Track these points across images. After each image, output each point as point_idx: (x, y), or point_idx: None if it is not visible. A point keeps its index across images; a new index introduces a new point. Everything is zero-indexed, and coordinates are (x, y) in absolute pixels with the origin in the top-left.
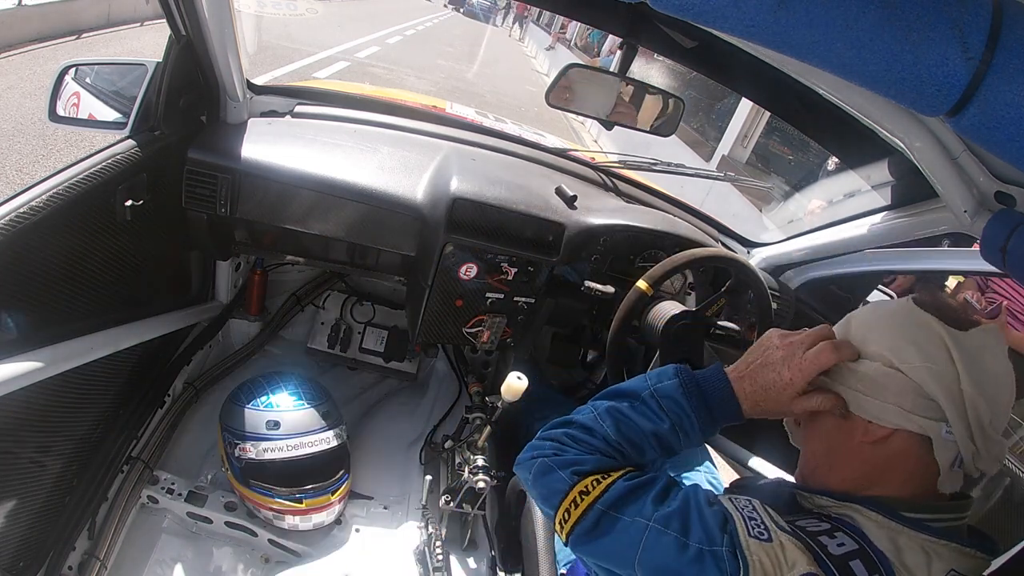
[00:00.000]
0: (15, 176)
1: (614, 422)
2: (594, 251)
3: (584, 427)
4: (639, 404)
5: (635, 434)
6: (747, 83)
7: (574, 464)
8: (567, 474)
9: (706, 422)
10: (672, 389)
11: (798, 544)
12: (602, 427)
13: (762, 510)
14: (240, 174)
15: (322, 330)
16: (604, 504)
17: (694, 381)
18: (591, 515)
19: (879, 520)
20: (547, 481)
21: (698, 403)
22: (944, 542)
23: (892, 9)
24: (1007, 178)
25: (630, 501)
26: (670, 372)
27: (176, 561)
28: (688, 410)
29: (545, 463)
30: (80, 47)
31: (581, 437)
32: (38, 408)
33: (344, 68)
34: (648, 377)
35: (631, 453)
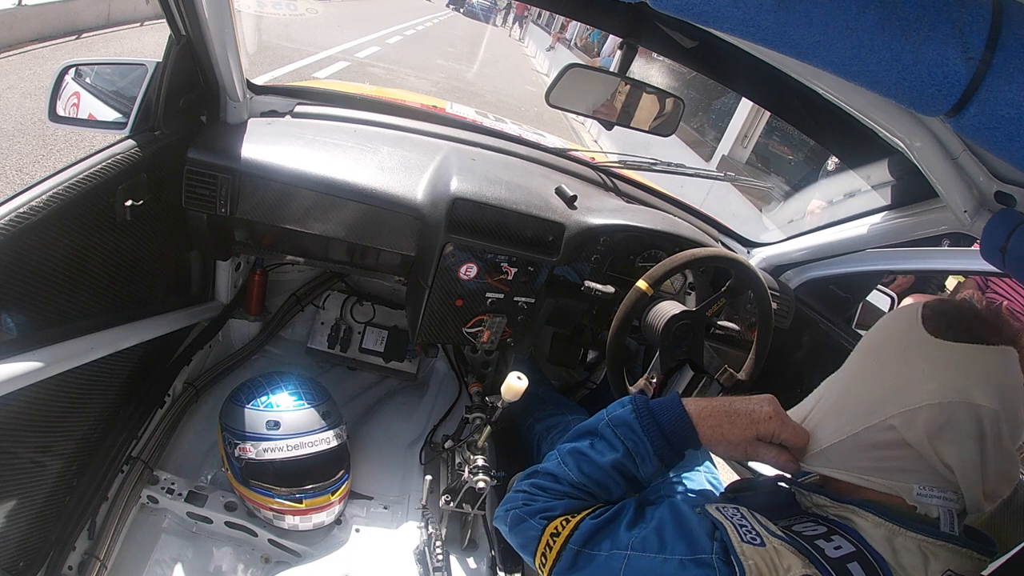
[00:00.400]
0: (15, 176)
1: (575, 463)
2: (594, 251)
3: (550, 474)
4: (597, 439)
5: (596, 472)
6: (747, 83)
7: (544, 511)
8: (537, 520)
9: (661, 446)
10: (625, 415)
11: (791, 548)
12: (566, 471)
13: (751, 517)
14: (240, 174)
15: (322, 330)
16: (576, 543)
17: (647, 406)
18: (566, 555)
19: (875, 521)
20: (521, 530)
21: (650, 425)
22: (941, 543)
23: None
24: (1007, 178)
25: (603, 536)
26: (625, 401)
27: (176, 561)
28: (641, 434)
29: (517, 514)
30: (80, 47)
31: (548, 485)
32: (38, 408)
33: (344, 68)
34: (606, 410)
35: (598, 492)
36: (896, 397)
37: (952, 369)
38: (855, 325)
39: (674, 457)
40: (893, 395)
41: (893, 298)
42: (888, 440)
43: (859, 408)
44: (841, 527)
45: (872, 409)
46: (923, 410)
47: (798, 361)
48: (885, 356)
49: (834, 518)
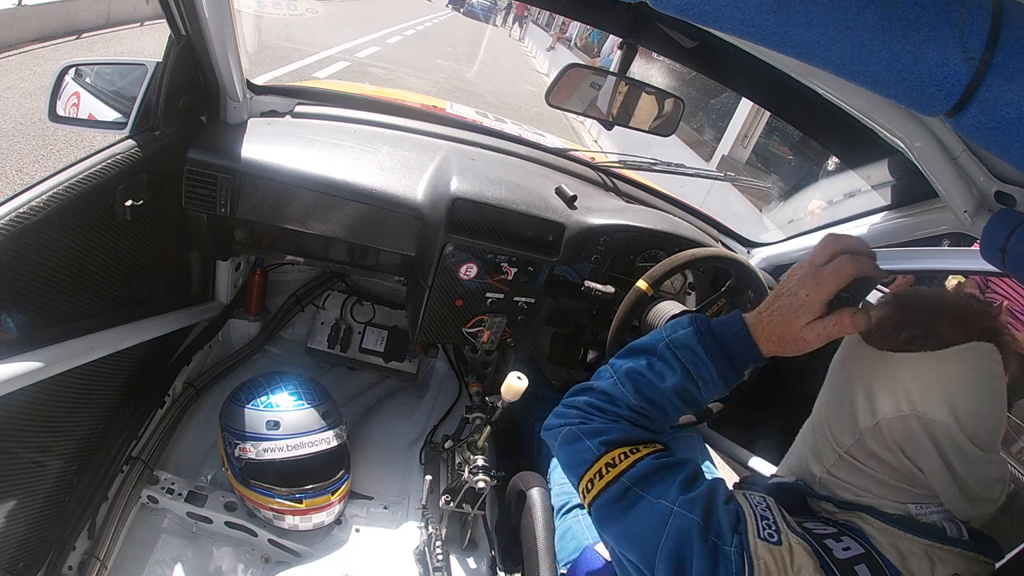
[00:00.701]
0: (15, 176)
1: (633, 385)
2: (594, 251)
3: (605, 394)
4: (655, 360)
5: (656, 394)
6: (747, 83)
7: (601, 433)
8: (595, 444)
9: (724, 367)
10: (686, 337)
11: (807, 548)
12: (623, 392)
13: (776, 509)
14: (240, 174)
15: (322, 330)
16: (630, 479)
17: (708, 327)
18: (616, 488)
19: (881, 527)
20: (574, 450)
21: (713, 347)
22: (947, 547)
23: (892, 9)
24: (1007, 178)
25: (656, 481)
26: (684, 322)
27: (176, 561)
28: (704, 356)
29: (573, 431)
30: (80, 47)
31: (603, 406)
32: (38, 408)
33: (344, 68)
34: (663, 329)
35: (655, 415)
36: (862, 416)
37: (899, 382)
38: None
39: (736, 377)
40: (860, 414)
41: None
42: (869, 456)
43: (836, 431)
44: (851, 529)
45: (846, 430)
46: (885, 424)
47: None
48: (845, 378)
49: (843, 521)
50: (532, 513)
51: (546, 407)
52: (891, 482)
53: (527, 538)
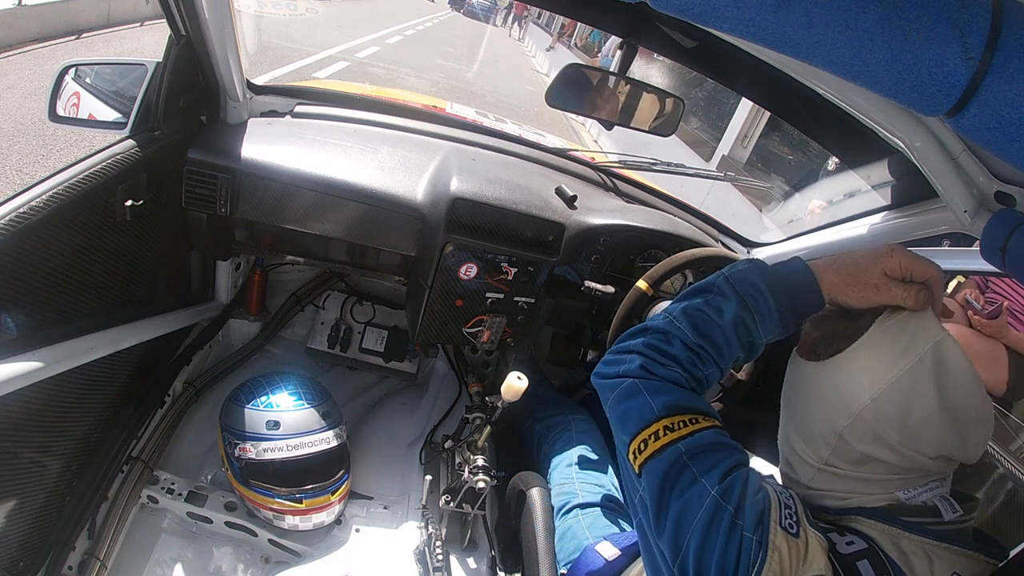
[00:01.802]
0: (15, 176)
1: (690, 321)
2: (594, 251)
3: (661, 332)
4: (712, 296)
5: (712, 329)
6: (747, 83)
7: (663, 392)
8: (658, 404)
9: (784, 302)
10: (746, 270)
11: (821, 543)
12: (679, 329)
13: (798, 501)
14: (240, 174)
15: (322, 330)
16: (686, 447)
17: (766, 264)
18: (669, 453)
19: (879, 527)
20: (633, 405)
21: (773, 280)
22: (945, 545)
23: (892, 9)
24: (1007, 178)
25: (709, 457)
26: (744, 261)
27: (176, 561)
28: (763, 288)
29: (634, 385)
30: (80, 47)
31: (659, 345)
32: (38, 408)
33: (344, 68)
34: (724, 268)
35: (712, 354)
36: (828, 424)
37: (841, 384)
38: None
39: (794, 319)
40: (826, 423)
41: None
42: (849, 459)
43: (811, 447)
44: (852, 530)
45: (819, 444)
46: (851, 426)
47: None
48: (802, 397)
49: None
50: (532, 513)
51: (546, 407)
52: (873, 477)
53: (527, 538)
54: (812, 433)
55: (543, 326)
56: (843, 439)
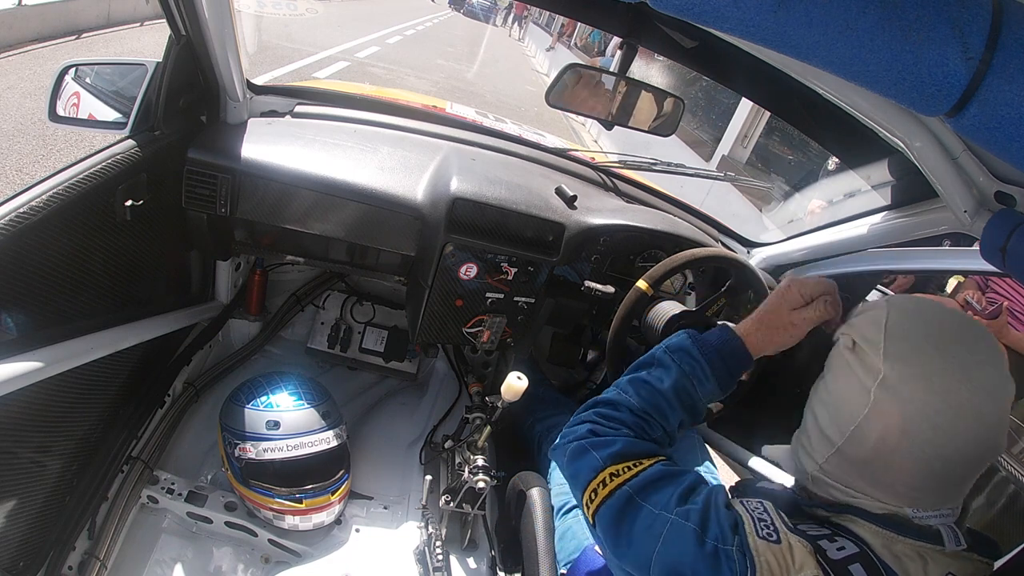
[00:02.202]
0: (15, 176)
1: (635, 390)
2: (594, 251)
3: (610, 402)
4: (654, 367)
5: (655, 397)
6: (747, 83)
7: (607, 446)
8: (601, 457)
9: (718, 365)
10: (681, 341)
11: (806, 547)
12: (626, 398)
13: (774, 512)
14: (240, 174)
15: (322, 330)
16: (633, 487)
17: (699, 333)
18: (619, 496)
19: (873, 530)
20: (582, 464)
21: (706, 348)
22: (940, 547)
23: (892, 9)
24: (1007, 178)
25: (659, 488)
26: (679, 334)
27: (176, 561)
28: (698, 356)
29: (581, 445)
30: (80, 47)
31: (608, 412)
32: (38, 408)
33: (344, 68)
34: (658, 345)
35: (657, 419)
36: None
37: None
38: None
39: (728, 379)
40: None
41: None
42: (866, 448)
43: (837, 417)
44: (844, 531)
45: (845, 415)
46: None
47: (798, 361)
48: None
49: (836, 524)
50: (532, 513)
51: (546, 407)
52: (885, 480)
53: (527, 538)
54: (840, 411)
55: (543, 326)
56: (861, 427)
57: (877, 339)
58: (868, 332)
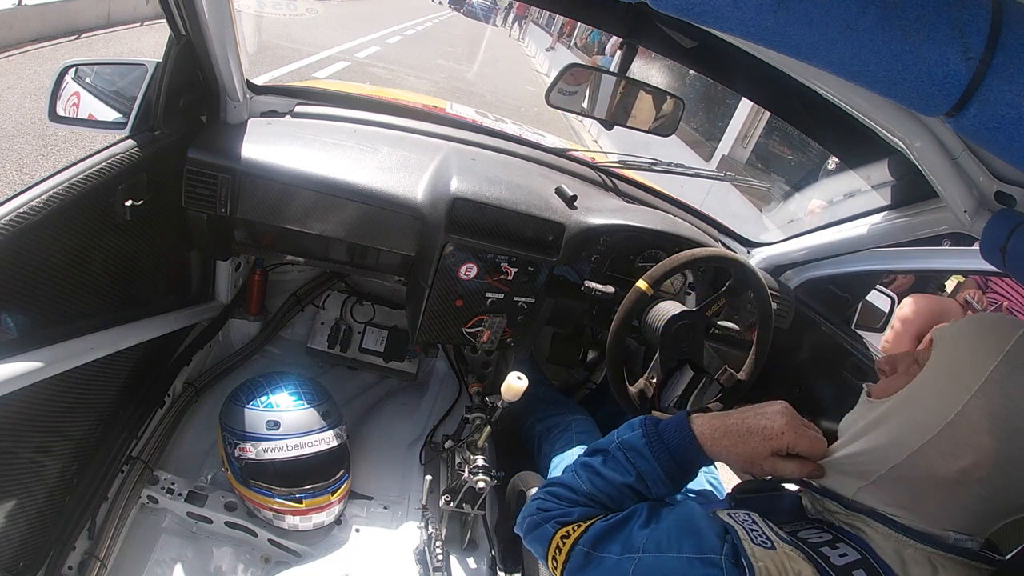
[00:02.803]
0: (15, 176)
1: (588, 477)
2: (594, 251)
3: (565, 485)
4: (609, 458)
5: (608, 487)
6: (747, 83)
7: (558, 516)
8: (551, 524)
9: (672, 468)
10: (635, 440)
11: (800, 554)
12: (579, 483)
13: (762, 522)
14: (240, 174)
15: (322, 330)
16: (585, 544)
17: (656, 430)
18: (576, 555)
19: (886, 532)
20: (536, 535)
21: (660, 450)
22: (952, 555)
23: (892, 9)
24: (1007, 178)
25: (613, 537)
26: (636, 423)
27: (176, 561)
28: (651, 459)
29: (534, 520)
30: (80, 47)
31: (563, 494)
32: (38, 408)
33: (344, 68)
34: (617, 431)
35: (610, 504)
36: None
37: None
38: (854, 325)
39: (685, 477)
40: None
41: (893, 298)
42: (928, 474)
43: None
44: (848, 535)
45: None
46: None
47: (798, 361)
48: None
49: (843, 526)
50: None
51: (546, 407)
52: (937, 509)
53: None
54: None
55: (543, 326)
56: (919, 457)
57: (988, 353)
58: (975, 344)
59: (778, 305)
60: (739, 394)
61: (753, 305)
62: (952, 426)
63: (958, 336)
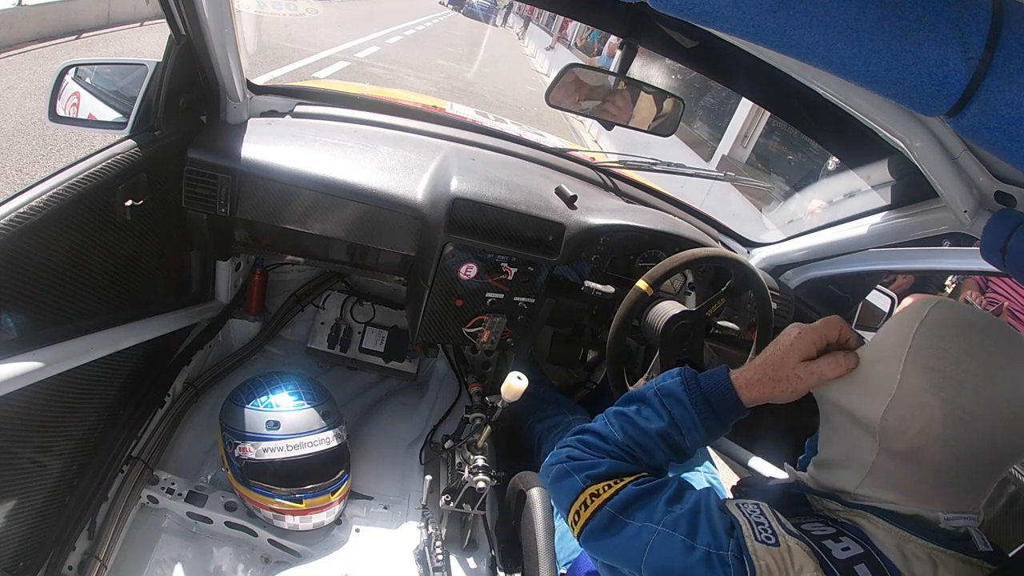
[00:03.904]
0: (15, 176)
1: (621, 426)
2: (594, 251)
3: (596, 433)
4: (644, 406)
5: (641, 436)
6: (747, 83)
7: (588, 468)
8: (581, 478)
9: (708, 417)
10: (674, 386)
11: (805, 548)
12: (611, 431)
13: (770, 513)
14: (240, 174)
15: (322, 330)
16: (613, 507)
17: (695, 379)
18: (600, 516)
19: (886, 527)
20: (563, 486)
21: (698, 397)
22: (952, 552)
23: (892, 9)
24: (1007, 178)
25: (641, 505)
26: (674, 372)
27: (176, 561)
28: (688, 405)
29: (563, 468)
30: (80, 47)
31: (593, 442)
32: (38, 408)
33: (344, 68)
34: (654, 380)
35: (641, 455)
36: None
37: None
38: (854, 325)
39: (720, 428)
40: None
41: (893, 298)
42: (900, 448)
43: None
44: (851, 530)
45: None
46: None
47: None
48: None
49: (844, 521)
50: (532, 513)
51: (546, 407)
52: (913, 481)
53: (527, 538)
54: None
55: (543, 326)
56: (884, 429)
57: (911, 321)
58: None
59: (778, 305)
60: None
61: (753, 305)
62: (900, 392)
63: (892, 320)
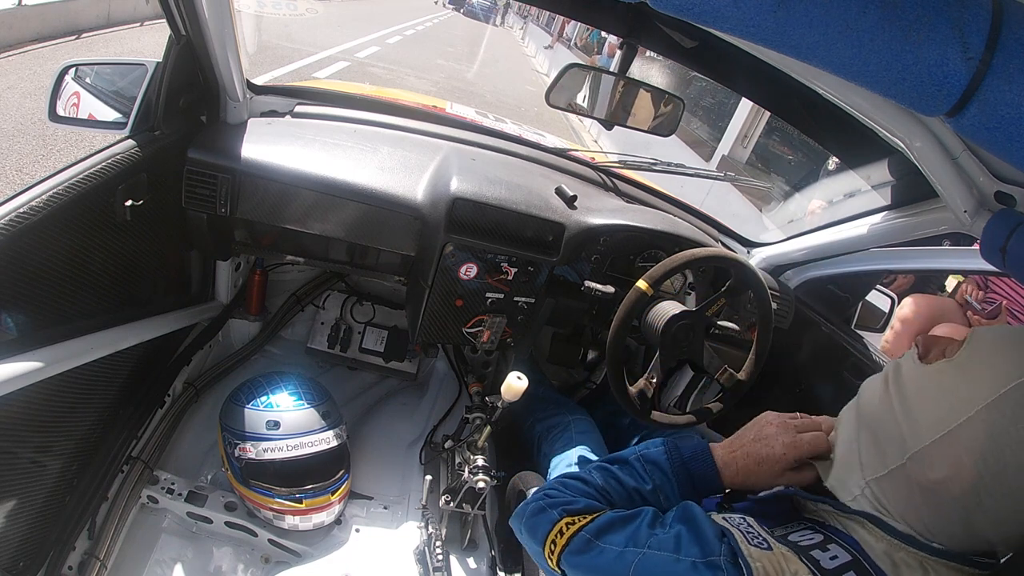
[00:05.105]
0: (15, 176)
1: (602, 476)
2: (594, 251)
3: (577, 477)
4: (626, 467)
5: (621, 489)
6: (747, 83)
7: (565, 504)
8: (558, 511)
9: (687, 489)
10: (657, 455)
11: (796, 557)
12: (592, 477)
13: (757, 525)
14: (240, 174)
15: (322, 330)
16: (590, 532)
17: (678, 452)
18: (577, 540)
19: (878, 535)
20: (538, 519)
21: (680, 470)
22: (944, 560)
23: (892, 9)
24: (1007, 178)
25: (619, 529)
26: (659, 442)
27: (176, 561)
28: (670, 475)
29: (539, 504)
30: (80, 47)
31: (573, 484)
32: (38, 408)
33: (344, 68)
34: (640, 446)
35: (619, 503)
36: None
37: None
38: (854, 325)
39: (693, 496)
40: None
41: (893, 298)
42: (923, 479)
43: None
44: (841, 536)
45: (894, 444)
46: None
47: (798, 361)
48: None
49: (836, 525)
50: None
51: (546, 407)
52: (930, 505)
53: None
54: (918, 424)
55: (543, 326)
56: (917, 459)
57: (1011, 371)
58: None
59: (778, 305)
60: (739, 394)
61: (753, 305)
62: (952, 434)
63: (994, 342)
